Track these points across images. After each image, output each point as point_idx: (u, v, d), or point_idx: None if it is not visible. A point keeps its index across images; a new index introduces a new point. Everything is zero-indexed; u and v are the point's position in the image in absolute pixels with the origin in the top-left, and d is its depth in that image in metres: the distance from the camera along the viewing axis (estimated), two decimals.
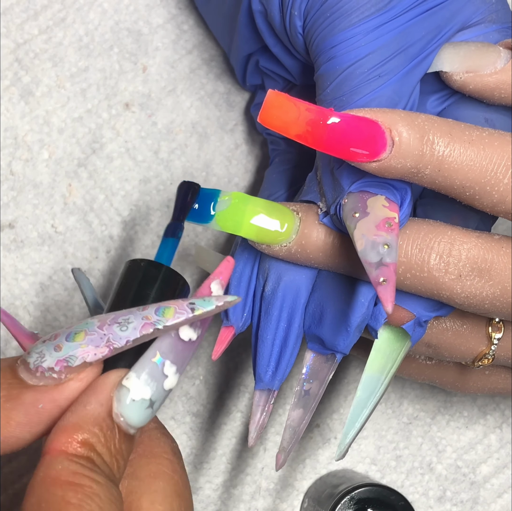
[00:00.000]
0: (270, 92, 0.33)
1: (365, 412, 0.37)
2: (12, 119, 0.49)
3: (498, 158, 0.33)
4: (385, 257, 0.32)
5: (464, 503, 0.49)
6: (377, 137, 0.32)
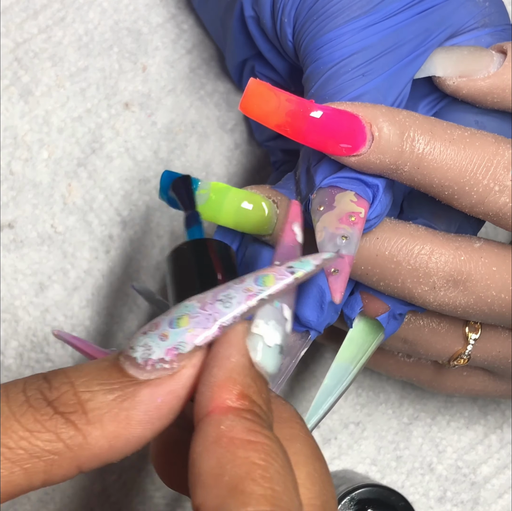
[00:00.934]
0: (251, 80, 0.33)
1: (329, 400, 0.37)
2: (12, 119, 0.49)
3: (478, 159, 0.33)
4: (341, 249, 0.32)
5: (465, 504, 0.49)
6: (357, 131, 0.32)
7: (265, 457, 0.26)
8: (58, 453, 0.27)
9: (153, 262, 0.48)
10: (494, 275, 0.34)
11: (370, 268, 0.35)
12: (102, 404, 0.27)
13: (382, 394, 0.49)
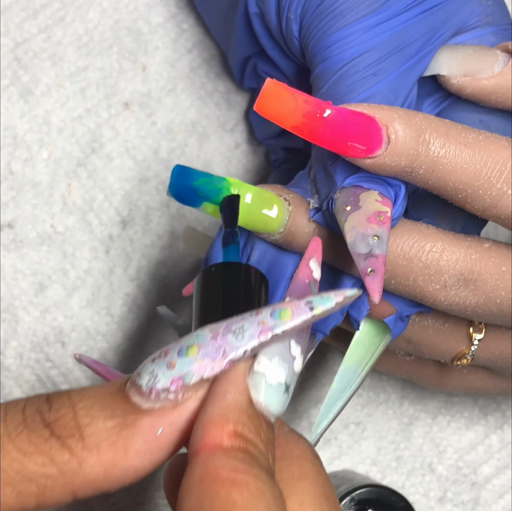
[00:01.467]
0: (268, 80, 0.32)
1: (339, 403, 0.37)
2: (11, 119, 0.48)
3: (492, 162, 0.33)
4: (374, 248, 0.32)
5: (465, 504, 0.48)
6: (373, 133, 0.32)
7: (248, 497, 0.25)
8: (51, 478, 0.26)
9: (153, 262, 0.48)
10: (504, 275, 0.34)
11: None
12: (100, 431, 0.27)
13: (383, 394, 0.49)
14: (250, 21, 0.41)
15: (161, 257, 0.48)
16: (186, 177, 0.35)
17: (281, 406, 0.28)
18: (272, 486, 0.26)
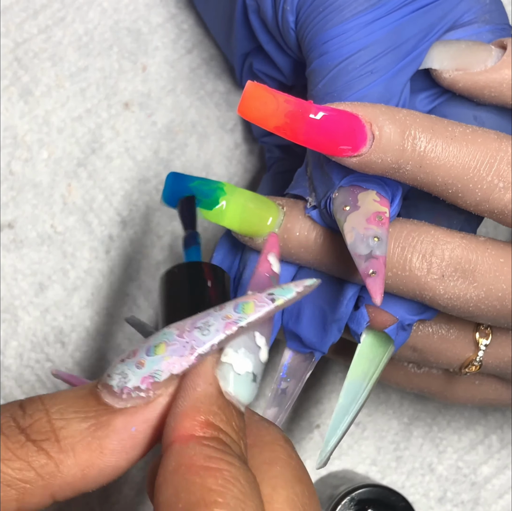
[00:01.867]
0: (249, 83, 0.32)
1: (347, 419, 0.36)
2: (12, 119, 0.48)
3: (481, 155, 0.33)
4: (375, 249, 0.32)
5: (465, 504, 0.48)
6: (357, 131, 0.32)
7: (223, 483, 0.25)
8: (30, 482, 0.27)
9: (153, 262, 0.48)
10: (503, 267, 0.34)
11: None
12: (75, 432, 0.27)
13: (382, 394, 0.49)
14: (248, 16, 0.41)
15: (161, 257, 0.48)
16: (181, 181, 0.36)
17: (250, 395, 0.28)
18: (246, 472, 0.26)
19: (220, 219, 0.35)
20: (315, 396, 0.49)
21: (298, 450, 0.49)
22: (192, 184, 0.35)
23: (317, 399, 0.49)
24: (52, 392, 0.28)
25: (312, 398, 0.49)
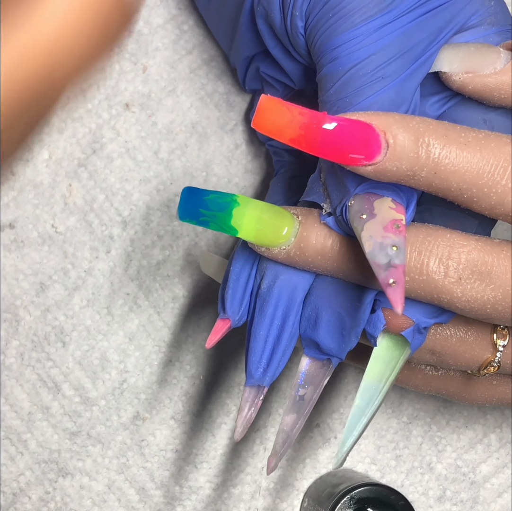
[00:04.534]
0: (263, 97, 0.32)
1: (363, 420, 0.36)
2: None
3: (495, 160, 0.33)
4: (393, 258, 0.32)
5: (464, 503, 0.49)
6: (371, 140, 0.32)
7: None
8: None
9: (153, 262, 0.48)
10: None
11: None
12: None
13: None
14: (255, 20, 0.41)
15: (161, 257, 0.49)
16: (196, 195, 0.36)
17: None
18: None
19: (235, 231, 0.35)
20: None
21: (298, 449, 0.49)
22: (207, 197, 0.35)
23: (319, 399, 0.49)
24: None
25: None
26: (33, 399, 0.47)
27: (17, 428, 0.47)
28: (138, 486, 0.48)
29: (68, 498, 0.48)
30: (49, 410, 0.48)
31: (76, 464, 0.48)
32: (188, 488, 0.48)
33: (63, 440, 0.48)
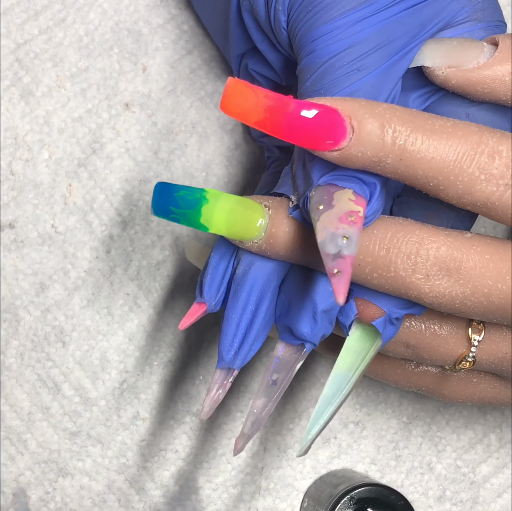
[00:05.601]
0: (229, 79, 0.32)
1: (330, 409, 0.36)
2: (12, 119, 0.49)
3: (461, 148, 0.32)
4: (343, 249, 0.32)
5: (464, 503, 0.49)
6: (336, 124, 0.32)
7: None
8: None
9: (153, 262, 0.48)
10: (488, 263, 0.34)
11: (362, 257, 0.34)
12: None
13: (382, 394, 0.49)
14: (242, 15, 0.41)
15: (161, 257, 0.49)
16: (167, 191, 0.36)
17: None
18: None
19: (205, 228, 0.35)
20: (315, 396, 0.49)
21: (298, 448, 0.49)
22: (177, 194, 0.35)
23: (317, 399, 0.49)
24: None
25: (311, 397, 0.49)
26: (33, 399, 0.47)
27: (17, 428, 0.47)
28: (138, 486, 0.48)
29: (68, 498, 0.48)
30: (49, 410, 0.48)
31: (76, 464, 0.48)
32: (188, 488, 0.48)
33: (63, 440, 0.48)
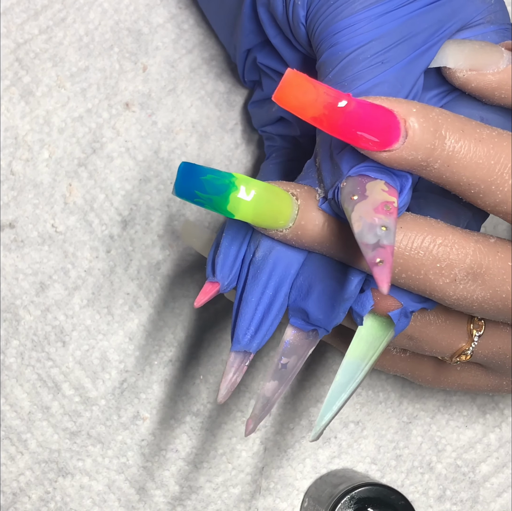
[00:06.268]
0: (289, 70, 0.32)
1: (343, 396, 0.36)
2: (13, 119, 0.49)
3: (506, 159, 0.33)
4: (382, 239, 0.31)
5: (464, 502, 0.49)
6: (391, 126, 0.32)
7: None
8: None
9: (153, 262, 0.48)
10: (510, 270, 0.35)
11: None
12: None
13: (382, 393, 0.49)
14: (257, 10, 0.41)
15: (161, 257, 0.49)
16: (193, 173, 0.35)
17: None
18: None
19: (231, 215, 0.35)
20: (315, 395, 0.49)
21: (298, 448, 0.49)
22: (204, 178, 0.35)
23: (317, 398, 0.49)
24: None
25: (311, 397, 0.49)
26: (33, 399, 0.47)
27: (17, 428, 0.47)
28: (138, 486, 0.48)
29: (68, 498, 0.48)
30: (49, 410, 0.48)
31: (76, 464, 0.48)
32: (188, 488, 0.48)
33: (63, 440, 0.48)
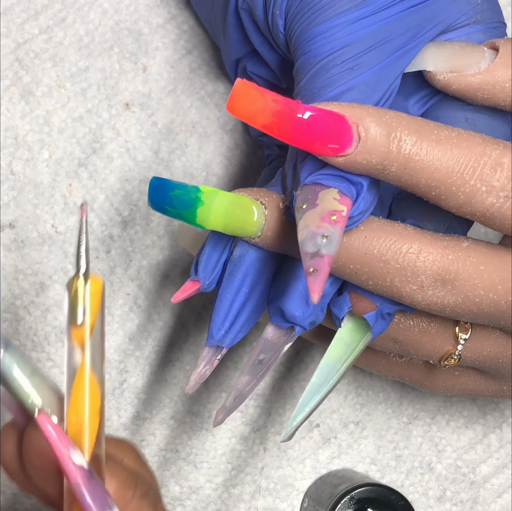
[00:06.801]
0: (238, 81, 0.33)
1: (316, 398, 0.37)
2: (13, 119, 0.49)
3: (465, 159, 0.33)
4: (321, 248, 0.32)
5: (464, 503, 0.49)
6: (343, 131, 0.32)
7: None
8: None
9: (153, 262, 0.49)
10: (482, 274, 0.34)
11: (359, 267, 0.34)
12: None
13: (382, 394, 0.49)
14: (241, 18, 0.41)
15: (161, 257, 0.49)
16: (163, 188, 0.36)
17: None
18: None
19: (202, 227, 0.35)
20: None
21: (298, 449, 0.49)
22: (172, 193, 0.36)
23: None
24: None
25: None
26: None
27: None
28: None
29: None
30: None
31: None
32: (188, 488, 0.48)
33: None
